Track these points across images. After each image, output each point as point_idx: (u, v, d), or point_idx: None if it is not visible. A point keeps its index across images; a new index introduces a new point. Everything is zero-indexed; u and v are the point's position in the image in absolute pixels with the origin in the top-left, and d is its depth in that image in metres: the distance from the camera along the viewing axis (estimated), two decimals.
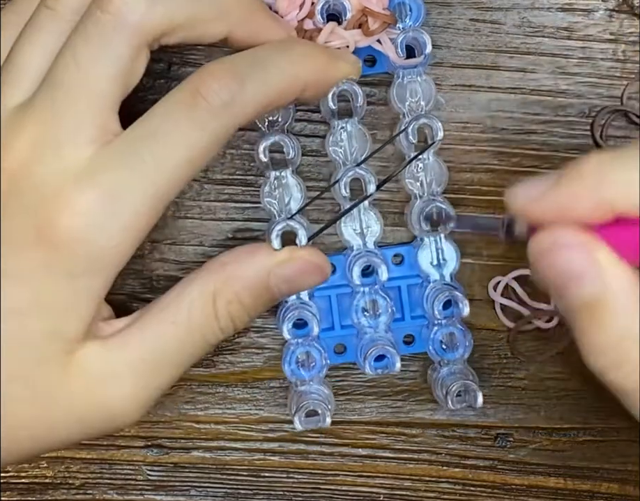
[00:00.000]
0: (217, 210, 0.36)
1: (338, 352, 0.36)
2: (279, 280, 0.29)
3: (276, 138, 0.33)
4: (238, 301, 0.29)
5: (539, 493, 0.37)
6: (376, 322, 0.34)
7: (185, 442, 0.37)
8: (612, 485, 0.37)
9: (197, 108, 0.26)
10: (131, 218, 0.27)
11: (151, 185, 0.27)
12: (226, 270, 0.29)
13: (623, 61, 0.36)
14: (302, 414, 0.33)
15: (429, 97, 0.34)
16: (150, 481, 0.37)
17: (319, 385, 0.34)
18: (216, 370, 0.36)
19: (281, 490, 0.37)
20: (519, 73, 0.36)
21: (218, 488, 0.37)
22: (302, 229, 0.31)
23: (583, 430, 0.37)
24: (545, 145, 0.36)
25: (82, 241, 0.26)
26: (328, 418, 0.33)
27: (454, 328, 0.34)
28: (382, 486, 0.37)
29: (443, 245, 0.35)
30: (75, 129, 0.26)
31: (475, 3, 0.36)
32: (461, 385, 0.34)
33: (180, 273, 0.36)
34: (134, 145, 0.27)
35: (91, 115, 0.27)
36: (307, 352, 0.34)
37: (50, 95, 0.27)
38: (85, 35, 0.27)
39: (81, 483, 0.37)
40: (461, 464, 0.37)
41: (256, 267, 0.29)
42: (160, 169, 0.26)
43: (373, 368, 0.33)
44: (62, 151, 0.26)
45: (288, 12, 0.33)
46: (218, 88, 0.27)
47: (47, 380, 0.27)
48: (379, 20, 0.32)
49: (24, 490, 0.37)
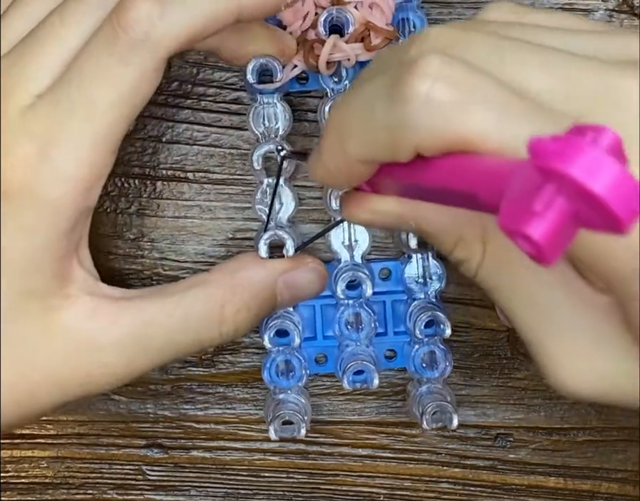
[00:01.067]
0: (217, 210, 0.36)
1: (319, 361, 0.36)
2: (284, 288, 0.30)
3: (271, 146, 0.32)
4: (246, 310, 0.29)
5: (539, 493, 0.37)
6: (358, 335, 0.34)
7: (185, 442, 0.37)
8: (612, 485, 0.37)
9: (117, 43, 0.26)
10: (72, 166, 0.26)
11: (88, 128, 0.26)
12: (235, 278, 0.29)
13: None
14: (277, 424, 0.33)
15: None
16: (150, 481, 0.37)
17: (298, 394, 0.34)
18: (216, 370, 0.36)
19: (281, 490, 0.37)
20: None
21: (218, 488, 0.37)
22: (291, 240, 0.31)
23: (583, 430, 0.37)
24: None
25: (26, 192, 0.26)
26: (302, 429, 0.33)
27: (435, 348, 0.34)
28: (382, 486, 0.37)
29: (429, 263, 0.35)
30: (23, 80, 0.27)
31: (475, 3, 0.36)
32: (437, 406, 0.33)
33: (180, 273, 0.36)
34: (65, 90, 0.26)
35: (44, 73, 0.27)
36: (287, 361, 0.34)
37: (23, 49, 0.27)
38: (97, 50, 0.27)
39: (81, 483, 0.37)
40: (461, 464, 0.37)
41: (265, 274, 0.30)
42: (94, 110, 0.26)
43: (351, 382, 0.33)
44: (6, 100, 0.26)
45: (293, 23, 0.32)
46: (137, 17, 0.25)
47: (26, 339, 0.27)
48: (381, 35, 0.32)
49: (24, 490, 0.37)
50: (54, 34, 0.27)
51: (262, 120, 0.33)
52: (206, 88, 0.35)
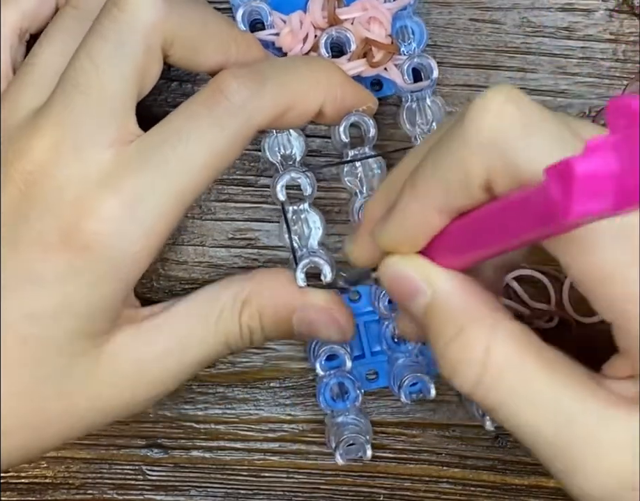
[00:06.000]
0: (217, 210, 0.36)
1: (370, 378, 0.36)
2: (302, 322, 0.30)
3: (292, 175, 0.32)
4: (258, 321, 0.30)
5: (539, 493, 0.37)
6: (406, 346, 0.34)
7: (185, 442, 0.37)
8: None
9: (217, 106, 0.26)
10: (154, 222, 0.27)
11: (173, 187, 0.27)
12: (258, 289, 0.30)
13: (623, 61, 0.36)
14: (342, 449, 0.33)
15: (439, 118, 0.34)
16: (150, 481, 0.37)
17: (356, 415, 0.35)
18: (216, 370, 0.36)
19: (281, 490, 0.37)
20: (519, 73, 0.36)
21: (218, 488, 0.37)
22: (327, 266, 0.31)
23: None
24: None
25: (107, 246, 0.26)
26: (368, 450, 0.33)
27: None
28: (382, 486, 0.37)
29: None
30: (94, 131, 0.26)
31: (475, 3, 0.36)
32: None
33: (180, 272, 0.36)
34: (156, 146, 0.26)
35: (109, 116, 0.26)
36: (340, 383, 0.34)
37: (67, 97, 0.27)
38: (101, 33, 0.27)
39: (81, 483, 0.37)
40: (461, 464, 0.37)
41: (286, 299, 0.30)
42: (182, 170, 0.26)
43: (408, 395, 0.34)
44: (82, 153, 0.26)
45: (292, 47, 0.32)
46: (237, 86, 0.27)
47: (75, 377, 0.27)
48: (383, 50, 0.32)
49: (24, 490, 0.37)
50: (97, 82, 0.27)
51: (277, 149, 0.33)
52: None
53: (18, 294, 0.26)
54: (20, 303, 0.26)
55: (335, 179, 0.35)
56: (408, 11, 0.34)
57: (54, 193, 0.26)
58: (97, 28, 0.27)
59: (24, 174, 0.26)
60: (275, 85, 0.28)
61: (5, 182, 0.26)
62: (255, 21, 0.33)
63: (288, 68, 0.29)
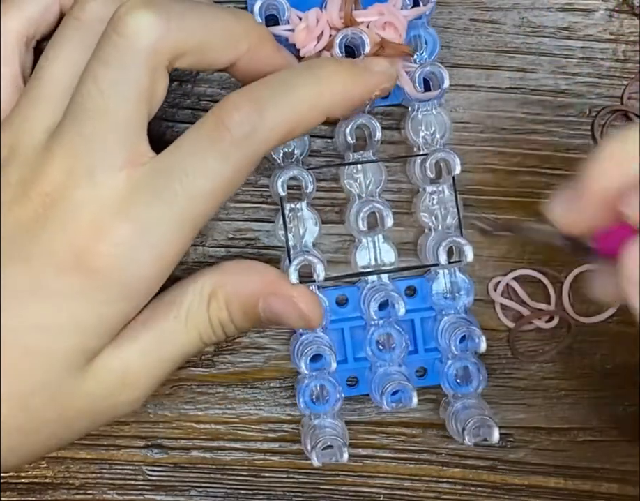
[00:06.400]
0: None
1: (350, 384, 0.36)
2: (268, 310, 0.30)
3: (294, 172, 0.32)
4: (227, 312, 0.30)
5: (539, 493, 0.37)
6: (390, 355, 0.34)
7: (185, 442, 0.37)
8: (612, 485, 0.37)
9: (221, 140, 0.27)
10: (163, 249, 0.28)
11: (182, 216, 0.27)
12: (222, 280, 0.30)
13: (623, 61, 0.36)
14: (318, 450, 0.33)
15: (444, 130, 0.34)
16: (150, 481, 0.37)
17: (333, 419, 0.34)
18: (216, 370, 0.36)
19: (281, 490, 0.37)
20: (519, 73, 0.36)
21: (218, 488, 0.37)
22: (321, 264, 0.31)
23: (583, 430, 0.37)
24: (545, 145, 0.36)
25: (118, 269, 0.27)
26: (345, 454, 0.33)
27: (469, 363, 0.34)
28: (382, 486, 0.37)
29: (457, 278, 0.35)
30: (106, 155, 0.27)
31: (475, 3, 0.36)
32: (478, 420, 0.33)
33: (180, 272, 0.36)
34: (165, 178, 0.27)
35: (119, 140, 0.27)
36: (321, 386, 0.34)
37: (77, 122, 0.27)
38: (103, 59, 0.27)
39: (81, 483, 0.37)
40: (461, 464, 0.37)
41: (251, 289, 0.30)
42: (189, 201, 0.27)
43: (390, 403, 0.33)
44: (95, 178, 0.27)
45: (306, 44, 0.32)
46: (239, 119, 0.27)
47: (67, 387, 0.28)
48: (397, 52, 0.32)
49: (24, 490, 0.37)
50: (105, 108, 0.27)
51: (279, 146, 0.33)
52: (206, 88, 0.35)
53: (27, 306, 0.27)
54: (28, 314, 0.27)
55: (335, 179, 0.36)
56: (422, 21, 0.34)
57: (69, 215, 0.27)
58: (99, 54, 0.27)
59: (42, 196, 0.27)
60: (277, 111, 0.28)
61: (24, 202, 0.27)
62: (269, 17, 0.33)
63: (288, 87, 0.28)
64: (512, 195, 0.36)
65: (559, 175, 0.36)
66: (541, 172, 0.36)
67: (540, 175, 0.36)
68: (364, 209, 0.33)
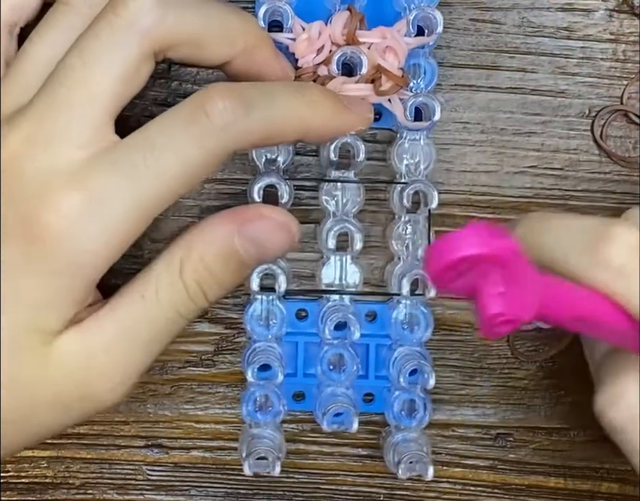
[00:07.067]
0: (217, 210, 0.35)
1: (297, 398, 0.36)
2: (246, 241, 0.28)
3: (273, 180, 0.32)
4: (204, 268, 0.28)
5: (539, 493, 0.37)
6: (339, 376, 0.34)
7: (185, 442, 0.37)
8: (612, 485, 0.37)
9: (197, 124, 0.26)
10: (116, 224, 0.26)
11: (140, 194, 0.26)
12: (190, 239, 0.29)
13: (623, 61, 0.36)
14: (252, 460, 0.33)
15: (429, 161, 0.34)
16: (150, 481, 0.37)
17: (273, 430, 0.34)
18: (216, 370, 0.36)
19: (281, 490, 0.37)
20: (519, 73, 0.36)
21: (218, 488, 0.37)
22: (283, 275, 0.32)
23: (583, 430, 0.37)
24: (545, 145, 0.36)
25: (63, 240, 0.26)
26: (277, 466, 0.33)
27: (416, 396, 0.34)
28: (382, 486, 0.37)
29: (418, 310, 0.34)
30: (69, 128, 0.26)
31: (475, 3, 0.36)
32: (414, 456, 0.33)
33: None
34: (129, 152, 0.26)
35: (87, 116, 0.26)
36: (266, 396, 0.34)
37: (50, 93, 0.27)
38: (95, 34, 0.27)
39: (81, 483, 0.37)
40: (461, 464, 0.37)
41: (222, 231, 0.28)
42: (152, 180, 0.26)
43: (330, 423, 0.33)
44: (52, 148, 0.26)
45: (305, 55, 0.32)
46: (223, 108, 0.26)
47: (25, 370, 0.27)
48: (392, 80, 0.32)
49: (24, 490, 0.37)
50: (83, 79, 0.27)
51: (264, 151, 0.33)
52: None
53: None
54: None
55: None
56: (424, 50, 0.34)
57: (20, 184, 0.26)
58: (91, 28, 0.27)
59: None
60: (260, 114, 0.27)
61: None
62: (273, 23, 0.33)
63: (276, 98, 0.28)
64: (511, 195, 0.36)
65: (559, 175, 0.36)
66: (541, 172, 0.36)
67: (540, 175, 0.36)
68: (335, 228, 0.33)
